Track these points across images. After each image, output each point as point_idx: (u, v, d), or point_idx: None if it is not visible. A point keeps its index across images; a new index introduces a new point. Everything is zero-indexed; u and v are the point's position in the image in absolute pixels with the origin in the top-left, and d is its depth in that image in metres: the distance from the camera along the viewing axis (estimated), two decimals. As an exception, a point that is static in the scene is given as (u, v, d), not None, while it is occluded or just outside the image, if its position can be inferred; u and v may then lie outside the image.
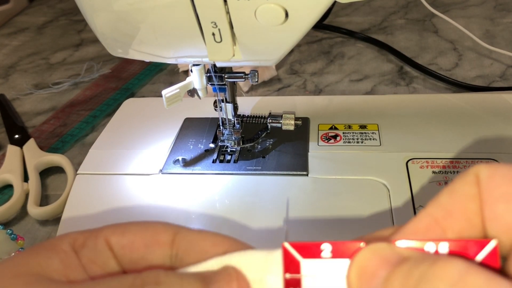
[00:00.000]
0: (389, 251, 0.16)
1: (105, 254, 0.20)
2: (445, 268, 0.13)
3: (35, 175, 0.47)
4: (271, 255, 0.18)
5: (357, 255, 0.16)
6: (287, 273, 0.17)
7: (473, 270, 0.13)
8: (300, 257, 0.17)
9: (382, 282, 0.15)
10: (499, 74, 0.60)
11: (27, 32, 0.84)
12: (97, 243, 0.20)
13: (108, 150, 0.48)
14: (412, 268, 0.14)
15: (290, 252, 0.17)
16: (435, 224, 0.17)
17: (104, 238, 0.20)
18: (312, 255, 0.17)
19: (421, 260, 0.14)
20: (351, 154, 0.44)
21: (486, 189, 0.16)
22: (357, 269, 0.16)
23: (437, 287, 0.13)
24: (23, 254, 0.19)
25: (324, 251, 0.17)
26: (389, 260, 0.15)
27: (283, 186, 0.41)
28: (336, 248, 0.16)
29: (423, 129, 0.46)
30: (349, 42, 0.71)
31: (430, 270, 0.14)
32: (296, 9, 0.28)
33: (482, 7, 0.77)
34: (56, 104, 0.62)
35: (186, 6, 0.30)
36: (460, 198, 0.17)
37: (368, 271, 0.16)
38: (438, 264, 0.14)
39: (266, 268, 0.17)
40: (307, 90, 0.60)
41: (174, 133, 0.49)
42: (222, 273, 0.18)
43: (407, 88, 0.59)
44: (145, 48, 0.35)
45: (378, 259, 0.16)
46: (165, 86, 0.41)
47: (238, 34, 0.31)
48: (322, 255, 0.17)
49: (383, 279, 0.15)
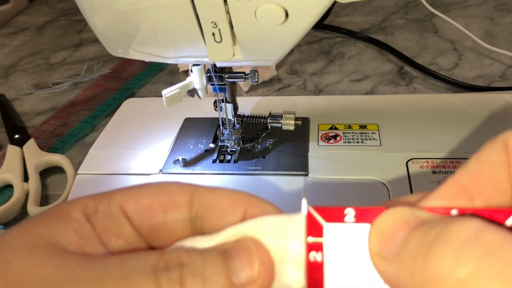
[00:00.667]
0: (409, 214, 0.16)
1: (121, 221, 0.19)
2: (462, 226, 0.13)
3: (35, 175, 0.47)
4: (290, 220, 0.17)
5: (378, 218, 0.16)
6: (310, 236, 0.17)
7: (490, 228, 0.13)
8: (323, 221, 0.17)
9: (401, 244, 0.15)
10: (499, 74, 0.60)
11: (27, 32, 0.84)
12: (111, 210, 0.19)
13: (108, 150, 0.48)
14: (430, 228, 0.14)
15: (313, 216, 0.17)
16: (462, 191, 0.16)
17: (118, 204, 0.19)
18: (335, 219, 0.17)
19: (439, 221, 0.14)
20: (351, 154, 0.44)
21: None
22: (377, 231, 0.16)
23: (452, 243, 0.13)
24: (33, 222, 0.18)
25: (347, 216, 0.16)
26: (408, 222, 0.15)
27: (283, 186, 0.41)
28: (360, 213, 0.16)
29: (423, 129, 0.46)
30: (349, 42, 0.71)
31: (447, 228, 0.14)
32: (296, 9, 0.28)
33: (482, 7, 0.77)
34: (56, 104, 0.62)
35: (186, 6, 0.30)
36: (488, 164, 0.16)
37: (388, 233, 0.16)
38: (455, 223, 0.14)
39: (286, 234, 0.17)
40: (307, 90, 0.60)
41: (174, 133, 0.49)
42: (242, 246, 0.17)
43: (407, 88, 0.59)
44: (145, 48, 0.35)
45: (398, 222, 0.15)
46: (165, 86, 0.41)
47: (238, 34, 0.31)
48: (345, 220, 0.16)
49: (402, 240, 0.15)
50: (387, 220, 0.16)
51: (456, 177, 0.17)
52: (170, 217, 0.19)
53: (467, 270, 0.12)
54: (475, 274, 0.12)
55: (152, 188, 0.19)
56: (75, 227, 0.18)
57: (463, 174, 0.17)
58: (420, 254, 0.14)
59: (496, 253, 0.12)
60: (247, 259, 0.17)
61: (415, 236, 0.15)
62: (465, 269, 0.12)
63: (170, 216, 0.19)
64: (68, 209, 0.19)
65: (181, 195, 0.19)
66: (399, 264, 0.15)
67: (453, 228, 0.14)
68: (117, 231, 0.19)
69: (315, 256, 0.17)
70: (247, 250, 0.17)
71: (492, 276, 0.12)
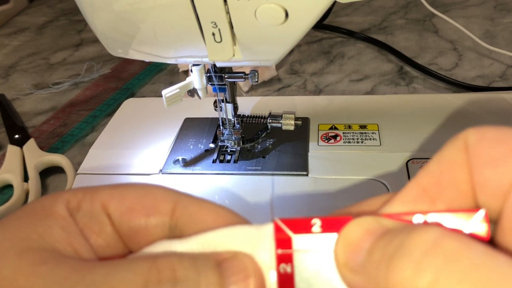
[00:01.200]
0: (374, 223, 0.16)
1: (102, 220, 0.18)
2: (421, 236, 0.14)
3: (35, 175, 0.47)
4: (260, 230, 0.18)
5: (343, 229, 0.16)
6: (279, 249, 0.17)
7: (448, 236, 0.13)
8: (291, 233, 0.17)
9: (366, 254, 0.15)
10: (499, 74, 0.60)
11: (27, 32, 0.84)
12: (93, 208, 0.18)
13: (108, 150, 0.48)
14: (392, 238, 0.14)
15: (281, 228, 0.17)
16: (423, 194, 0.16)
17: (101, 202, 0.19)
18: (302, 230, 0.17)
19: (400, 230, 0.15)
20: (351, 154, 0.44)
21: (474, 154, 0.16)
22: (343, 242, 0.16)
23: (412, 254, 0.13)
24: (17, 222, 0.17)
25: (314, 226, 0.17)
26: (373, 232, 0.15)
27: (283, 186, 0.41)
28: (326, 222, 0.17)
29: (423, 129, 0.46)
30: (349, 42, 0.71)
31: (407, 239, 0.14)
32: (296, 9, 0.28)
33: (482, 7, 0.77)
34: (56, 104, 0.62)
35: (186, 6, 0.30)
36: (448, 166, 0.16)
37: (353, 244, 0.16)
38: (414, 233, 0.14)
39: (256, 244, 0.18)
40: (307, 90, 0.60)
41: (174, 133, 0.49)
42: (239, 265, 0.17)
43: (407, 88, 0.59)
44: (145, 48, 0.35)
45: (363, 232, 0.16)
46: (165, 86, 0.41)
47: (238, 34, 0.31)
48: (312, 230, 0.17)
49: (367, 251, 0.15)
50: (353, 231, 0.16)
51: (417, 180, 0.17)
52: (151, 222, 0.19)
53: (427, 280, 0.12)
54: (435, 283, 0.12)
55: (136, 190, 0.19)
56: (61, 224, 0.18)
57: (424, 176, 0.17)
58: (382, 265, 0.14)
59: (454, 261, 0.12)
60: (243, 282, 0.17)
61: (379, 246, 0.15)
62: (425, 278, 0.13)
63: (151, 221, 0.19)
64: (52, 205, 0.18)
65: (165, 202, 0.19)
66: (365, 275, 0.15)
67: (412, 238, 0.14)
68: (98, 229, 0.18)
69: (285, 268, 0.17)
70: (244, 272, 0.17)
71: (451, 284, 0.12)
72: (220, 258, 0.17)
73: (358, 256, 0.15)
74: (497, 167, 0.15)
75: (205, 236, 0.18)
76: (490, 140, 0.15)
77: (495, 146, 0.15)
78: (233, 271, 0.17)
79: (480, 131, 0.16)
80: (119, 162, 0.46)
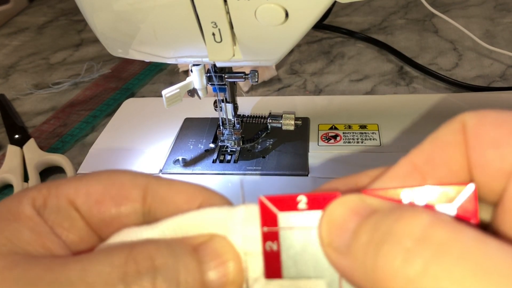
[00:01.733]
0: (359, 203, 0.15)
1: (71, 215, 0.18)
2: (410, 222, 0.13)
3: (35, 175, 0.47)
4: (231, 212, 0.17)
5: (327, 208, 0.16)
6: (265, 226, 0.17)
7: (438, 222, 0.13)
8: (277, 210, 0.17)
9: (351, 235, 0.15)
10: (499, 74, 0.60)
11: (27, 32, 0.84)
12: (60, 203, 0.18)
13: (108, 150, 0.48)
14: (379, 222, 0.14)
15: (266, 206, 0.17)
16: (414, 170, 0.16)
17: (66, 197, 0.18)
18: (288, 207, 0.16)
19: (388, 213, 0.14)
20: (351, 154, 0.44)
21: (475, 136, 0.16)
22: (327, 221, 0.16)
23: (401, 242, 0.13)
24: None
25: (300, 203, 0.16)
26: (358, 212, 0.15)
27: (283, 186, 0.41)
28: (311, 199, 0.16)
29: (423, 129, 0.46)
30: (349, 42, 0.71)
31: (396, 225, 0.14)
32: (296, 9, 0.28)
33: (482, 7, 0.77)
34: (56, 104, 0.62)
35: (186, 6, 0.30)
36: (442, 145, 0.16)
37: (338, 224, 0.15)
38: (404, 219, 0.14)
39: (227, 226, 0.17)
40: (307, 90, 0.60)
41: (174, 133, 0.49)
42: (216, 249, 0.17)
43: (407, 88, 0.59)
44: (145, 48, 0.35)
45: (348, 211, 0.15)
46: (165, 86, 0.41)
47: (238, 34, 0.31)
48: (298, 207, 0.16)
49: (352, 231, 0.15)
50: (337, 210, 0.16)
51: (409, 157, 0.17)
52: (122, 211, 0.18)
53: (416, 269, 0.13)
54: (424, 273, 0.12)
55: (102, 180, 0.18)
56: (30, 225, 0.17)
57: (416, 154, 0.17)
58: (370, 250, 0.14)
59: (444, 251, 0.12)
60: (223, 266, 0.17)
61: (365, 229, 0.14)
62: (414, 268, 0.13)
63: (122, 210, 0.18)
64: (17, 206, 0.17)
65: (134, 189, 0.18)
66: (351, 257, 0.15)
67: (402, 225, 0.14)
68: (68, 225, 0.18)
69: (271, 246, 0.17)
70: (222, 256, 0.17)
71: (440, 274, 0.12)
72: (196, 242, 0.17)
73: (343, 237, 0.15)
74: (499, 148, 0.15)
75: (175, 220, 0.18)
76: (492, 122, 0.15)
77: (497, 128, 0.15)
78: (211, 255, 0.17)
79: (480, 114, 0.16)
80: (119, 162, 0.46)
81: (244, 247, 0.17)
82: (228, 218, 0.17)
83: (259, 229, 0.17)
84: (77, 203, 0.18)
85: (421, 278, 0.12)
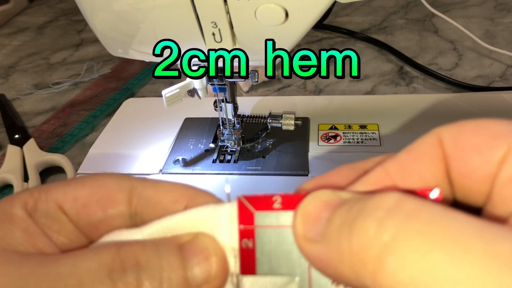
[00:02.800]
0: (332, 196, 0.16)
1: (60, 218, 0.18)
2: (382, 198, 0.14)
3: (35, 175, 0.47)
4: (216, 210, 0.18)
5: (301, 203, 0.17)
6: (242, 224, 0.18)
7: (408, 198, 0.14)
8: (254, 209, 0.18)
9: (325, 224, 0.15)
10: (499, 74, 0.60)
11: (27, 32, 0.84)
12: (49, 207, 0.18)
13: (108, 150, 0.48)
14: (352, 205, 0.15)
15: (244, 205, 0.18)
16: (386, 177, 0.17)
17: (55, 201, 0.18)
18: (264, 207, 0.17)
19: (360, 198, 0.15)
20: (351, 154, 0.44)
21: (455, 146, 0.16)
22: (301, 214, 0.16)
23: (374, 214, 0.14)
24: None
25: (275, 203, 0.17)
26: (331, 204, 0.16)
27: (283, 186, 0.41)
28: (285, 200, 0.17)
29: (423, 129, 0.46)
30: (349, 42, 0.71)
31: (368, 202, 0.15)
32: (296, 9, 0.28)
33: (482, 7, 0.77)
34: (56, 104, 0.62)
35: (186, 6, 0.30)
36: (417, 156, 0.17)
37: (311, 215, 0.16)
38: (376, 197, 0.15)
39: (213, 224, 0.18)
40: (307, 90, 0.60)
41: (174, 133, 0.49)
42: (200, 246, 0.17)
43: (407, 88, 0.59)
44: (145, 48, 0.35)
45: (321, 203, 0.16)
46: (165, 86, 0.41)
47: (238, 34, 0.31)
48: (274, 207, 0.17)
49: (326, 220, 0.15)
50: (310, 203, 0.16)
51: (384, 165, 0.17)
52: (109, 214, 0.19)
53: (390, 234, 0.13)
54: (397, 236, 0.13)
55: (88, 184, 0.19)
56: (22, 226, 0.17)
57: (391, 162, 0.17)
58: (345, 230, 0.14)
59: (414, 217, 0.13)
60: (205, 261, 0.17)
61: (339, 214, 0.15)
62: (388, 233, 0.13)
63: (109, 213, 0.19)
64: (10, 207, 0.18)
65: (119, 191, 0.19)
66: (325, 243, 0.15)
67: (374, 201, 0.14)
68: (57, 228, 0.18)
69: (247, 243, 0.18)
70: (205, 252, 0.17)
71: (412, 236, 0.13)
72: (181, 241, 0.18)
73: (316, 227, 0.16)
74: (483, 154, 0.16)
75: (163, 222, 0.18)
76: (470, 131, 0.16)
77: (476, 135, 0.16)
78: (194, 252, 0.17)
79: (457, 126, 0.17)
80: (119, 162, 0.46)
81: (232, 243, 0.18)
82: (215, 216, 0.18)
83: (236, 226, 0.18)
84: (65, 207, 0.19)
85: (395, 241, 0.13)
